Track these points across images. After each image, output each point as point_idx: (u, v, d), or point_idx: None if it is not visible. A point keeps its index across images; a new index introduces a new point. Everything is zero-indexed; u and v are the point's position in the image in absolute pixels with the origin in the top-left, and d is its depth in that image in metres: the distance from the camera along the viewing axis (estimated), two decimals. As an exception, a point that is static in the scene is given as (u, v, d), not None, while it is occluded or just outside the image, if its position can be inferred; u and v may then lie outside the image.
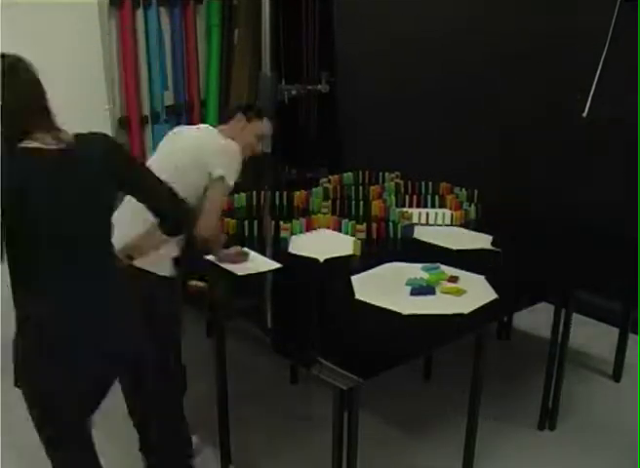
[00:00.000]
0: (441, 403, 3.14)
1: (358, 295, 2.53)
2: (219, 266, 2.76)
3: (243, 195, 3.67)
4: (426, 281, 2.63)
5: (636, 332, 3.53)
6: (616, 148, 3.69)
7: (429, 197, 3.65)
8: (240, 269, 2.71)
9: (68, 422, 2.00)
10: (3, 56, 1.93)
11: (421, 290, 2.56)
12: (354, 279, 2.66)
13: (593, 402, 3.20)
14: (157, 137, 5.89)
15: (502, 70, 4.18)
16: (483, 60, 4.26)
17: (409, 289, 2.56)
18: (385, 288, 2.60)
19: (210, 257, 2.78)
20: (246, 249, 2.86)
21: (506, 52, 4.13)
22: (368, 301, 2.48)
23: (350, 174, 4.04)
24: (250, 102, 2.69)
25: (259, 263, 2.82)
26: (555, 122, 3.91)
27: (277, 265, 2.79)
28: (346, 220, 3.24)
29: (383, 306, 2.43)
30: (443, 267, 2.76)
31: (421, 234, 3.21)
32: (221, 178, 2.49)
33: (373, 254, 2.96)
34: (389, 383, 2.88)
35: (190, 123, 6.11)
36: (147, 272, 2.32)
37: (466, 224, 3.34)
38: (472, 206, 3.48)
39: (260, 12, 5.46)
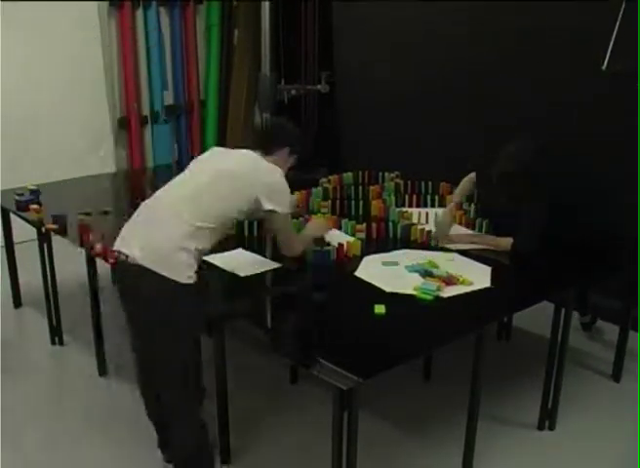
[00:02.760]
0: (441, 403, 3.14)
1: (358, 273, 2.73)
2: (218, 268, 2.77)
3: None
4: (423, 265, 2.79)
5: (636, 330, 3.53)
6: (614, 152, 3.69)
7: (429, 197, 3.66)
8: (242, 270, 2.71)
9: None
10: None
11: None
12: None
13: (593, 402, 3.20)
14: (157, 137, 5.90)
15: (503, 70, 4.18)
16: (483, 61, 4.26)
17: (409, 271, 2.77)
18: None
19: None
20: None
21: (507, 52, 4.13)
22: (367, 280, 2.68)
23: (350, 174, 4.04)
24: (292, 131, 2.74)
25: (260, 262, 2.85)
26: (555, 121, 3.91)
27: (277, 265, 2.79)
28: (346, 220, 3.24)
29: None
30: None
31: (421, 234, 3.21)
32: (276, 212, 2.52)
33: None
34: (389, 383, 2.88)
35: (190, 123, 6.12)
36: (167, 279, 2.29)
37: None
38: (472, 206, 3.48)
39: (259, 12, 5.46)
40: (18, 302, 4.11)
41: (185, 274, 2.29)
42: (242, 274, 2.68)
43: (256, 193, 2.46)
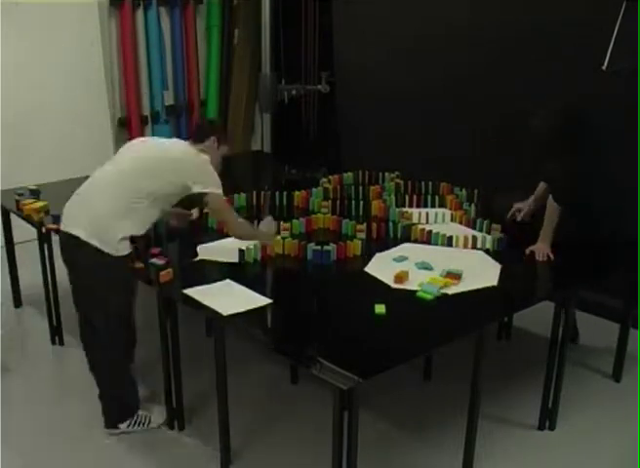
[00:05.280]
0: (441, 403, 3.14)
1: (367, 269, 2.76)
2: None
3: (243, 195, 3.67)
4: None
5: (636, 328, 3.52)
6: (614, 152, 3.68)
7: (429, 197, 3.66)
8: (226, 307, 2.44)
9: None
10: None
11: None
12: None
13: (593, 402, 3.20)
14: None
15: (502, 71, 4.18)
16: (483, 61, 4.26)
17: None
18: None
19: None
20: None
21: (506, 52, 4.13)
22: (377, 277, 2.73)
23: (350, 174, 4.04)
24: (219, 126, 3.23)
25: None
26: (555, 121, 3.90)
27: (268, 301, 2.52)
28: (346, 220, 3.24)
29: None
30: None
31: (422, 234, 3.21)
32: (208, 193, 2.75)
33: (372, 255, 2.96)
34: (389, 383, 2.89)
35: (190, 123, 6.12)
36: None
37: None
38: (472, 206, 3.48)
39: (259, 12, 5.46)
40: (18, 302, 4.11)
41: (118, 247, 2.62)
42: (225, 313, 2.40)
43: (184, 178, 2.70)
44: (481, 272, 2.77)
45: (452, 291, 2.58)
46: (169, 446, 2.85)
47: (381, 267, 2.80)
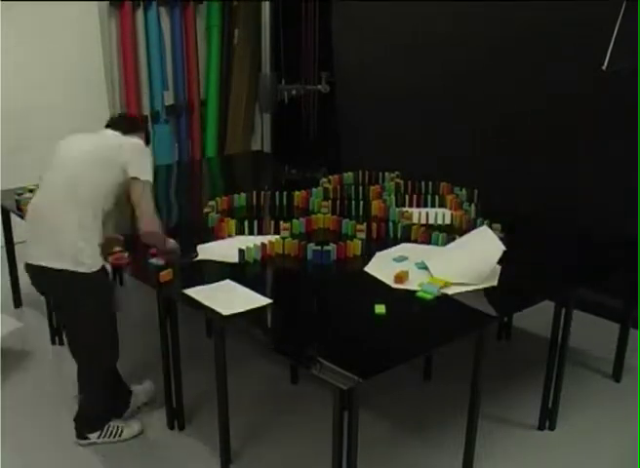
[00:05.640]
0: (441, 403, 3.14)
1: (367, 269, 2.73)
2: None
3: (243, 195, 3.67)
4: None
5: (636, 328, 3.53)
6: (614, 152, 3.69)
7: (429, 197, 3.65)
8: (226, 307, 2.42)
9: None
10: None
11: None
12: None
13: (593, 402, 3.20)
14: (157, 137, 5.90)
15: (502, 71, 4.18)
16: (483, 61, 4.26)
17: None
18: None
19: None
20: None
21: (506, 52, 4.13)
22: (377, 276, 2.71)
23: (350, 174, 4.04)
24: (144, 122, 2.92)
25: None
26: (555, 119, 3.91)
27: (268, 301, 2.51)
28: (346, 220, 3.24)
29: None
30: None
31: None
32: (138, 179, 2.61)
33: (372, 255, 2.96)
34: (389, 383, 2.88)
35: (190, 123, 6.12)
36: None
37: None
38: (472, 206, 3.48)
39: (259, 12, 5.47)
40: (18, 302, 4.11)
41: (91, 264, 2.55)
42: (225, 313, 2.38)
43: (124, 159, 2.59)
44: (482, 272, 2.75)
45: (452, 291, 2.57)
46: (169, 446, 2.85)
47: (381, 267, 2.80)
